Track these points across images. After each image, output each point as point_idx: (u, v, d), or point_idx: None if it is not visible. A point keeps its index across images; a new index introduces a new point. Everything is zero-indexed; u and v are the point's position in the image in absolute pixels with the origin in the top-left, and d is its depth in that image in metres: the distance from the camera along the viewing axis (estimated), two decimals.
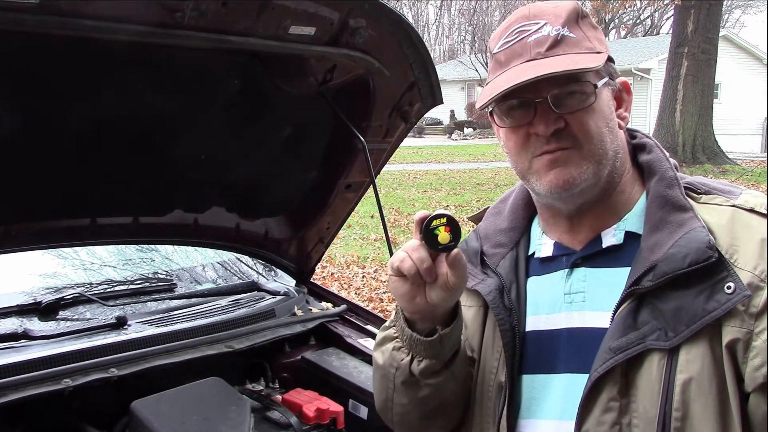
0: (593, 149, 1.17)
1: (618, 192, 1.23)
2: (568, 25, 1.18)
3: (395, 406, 1.32)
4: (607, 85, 1.20)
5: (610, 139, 1.19)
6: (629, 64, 29.60)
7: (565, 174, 1.17)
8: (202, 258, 3.05)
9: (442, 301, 1.19)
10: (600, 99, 1.18)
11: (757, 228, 1.11)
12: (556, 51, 1.16)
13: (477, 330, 1.33)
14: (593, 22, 1.24)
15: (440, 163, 21.23)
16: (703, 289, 1.08)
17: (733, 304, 1.05)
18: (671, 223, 1.14)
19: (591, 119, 1.17)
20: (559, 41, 1.16)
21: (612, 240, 1.21)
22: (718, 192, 1.19)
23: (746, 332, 1.05)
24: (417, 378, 1.25)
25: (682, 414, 1.07)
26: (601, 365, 1.12)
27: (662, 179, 1.20)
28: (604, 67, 1.20)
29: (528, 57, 1.17)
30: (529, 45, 1.17)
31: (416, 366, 1.24)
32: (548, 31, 1.17)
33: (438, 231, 1.15)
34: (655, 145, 1.27)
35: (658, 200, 1.18)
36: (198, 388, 2.16)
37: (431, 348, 1.22)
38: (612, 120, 1.20)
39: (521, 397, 1.24)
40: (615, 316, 1.14)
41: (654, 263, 1.11)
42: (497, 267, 1.31)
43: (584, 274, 1.22)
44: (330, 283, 7.30)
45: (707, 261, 1.08)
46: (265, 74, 2.24)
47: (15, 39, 1.68)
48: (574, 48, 1.17)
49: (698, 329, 1.07)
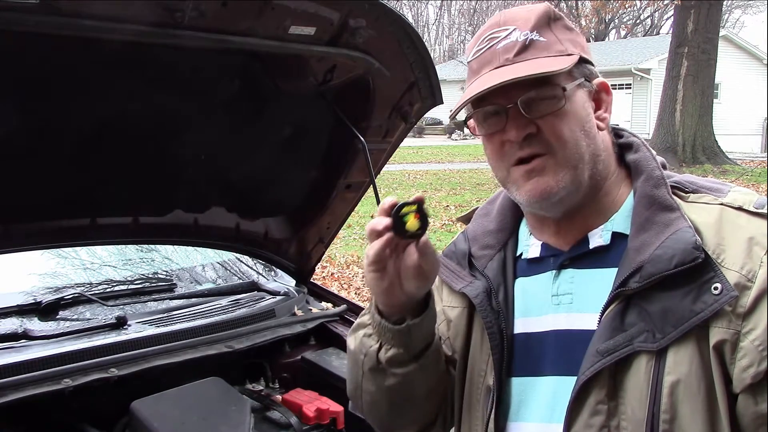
0: (568, 154, 1.15)
1: (603, 194, 1.21)
2: (538, 29, 1.17)
3: (364, 394, 1.33)
4: (581, 86, 1.18)
5: (586, 143, 1.17)
6: (629, 64, 29.62)
7: (542, 183, 1.16)
8: (202, 258, 3.05)
9: (417, 290, 1.19)
10: (573, 102, 1.16)
11: (744, 227, 1.10)
12: (524, 56, 1.15)
13: (461, 331, 1.33)
14: (568, 23, 1.22)
15: (440, 163, 21.24)
16: (690, 290, 1.07)
17: (720, 305, 1.05)
18: (658, 224, 1.13)
19: (563, 123, 1.15)
20: (527, 46, 1.16)
21: (599, 241, 1.20)
22: (706, 190, 1.18)
23: (733, 333, 1.05)
24: (384, 366, 1.26)
25: (671, 416, 1.06)
26: (588, 368, 1.11)
27: (649, 179, 1.19)
28: (578, 69, 1.18)
29: (497, 64, 1.16)
30: (498, 52, 1.17)
31: (384, 354, 1.25)
32: (516, 36, 1.16)
33: (407, 218, 1.13)
34: (641, 144, 1.26)
35: (644, 200, 1.17)
36: (198, 388, 2.16)
37: (399, 337, 1.23)
38: (588, 122, 1.18)
39: (510, 399, 1.24)
40: (602, 318, 1.13)
41: (640, 264, 1.10)
42: (485, 269, 1.30)
43: (572, 276, 1.22)
44: (330, 283, 7.30)
45: (694, 262, 1.07)
46: (265, 74, 2.24)
47: (15, 39, 1.68)
48: (543, 52, 1.16)
49: (686, 331, 1.06)
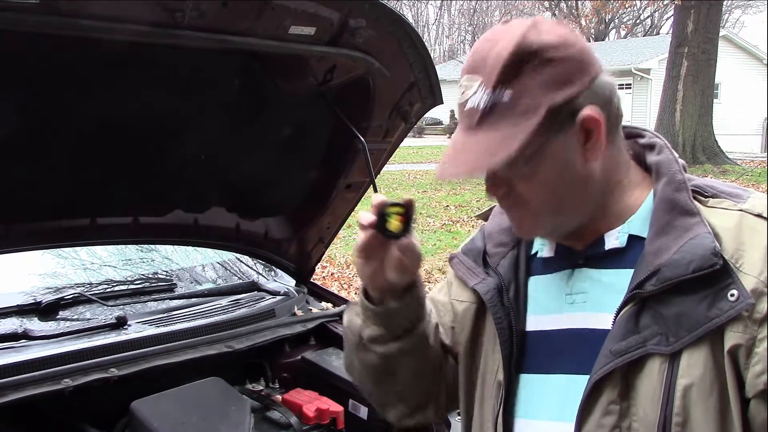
0: (546, 208, 1.15)
1: (615, 201, 1.19)
2: (503, 82, 1.08)
3: (354, 369, 1.43)
4: (558, 132, 1.11)
5: (570, 189, 1.14)
6: (629, 64, 29.61)
7: (523, 225, 1.19)
8: (202, 258, 3.05)
9: (398, 280, 1.25)
10: (545, 158, 1.11)
11: (764, 233, 1.09)
12: (482, 126, 1.10)
13: (467, 326, 1.35)
14: (549, 56, 1.08)
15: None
16: (707, 296, 1.07)
17: (735, 312, 1.04)
18: (677, 228, 1.12)
19: (535, 183, 1.13)
20: (488, 112, 1.10)
21: (615, 243, 1.19)
22: (726, 196, 1.16)
23: (749, 338, 1.04)
24: (365, 343, 1.33)
25: (683, 419, 1.06)
26: (600, 368, 1.11)
27: (671, 182, 1.17)
28: (554, 116, 1.09)
29: (463, 125, 1.14)
30: (465, 112, 1.13)
31: (365, 331, 1.32)
32: (479, 98, 1.10)
33: (391, 219, 1.17)
34: (664, 145, 1.23)
35: (665, 204, 1.15)
36: (198, 388, 2.16)
37: (378, 317, 1.30)
38: (571, 168, 1.12)
39: (520, 396, 1.25)
40: (617, 319, 1.13)
41: (657, 267, 1.10)
42: (497, 266, 1.31)
43: (586, 275, 1.21)
44: (330, 283, 7.30)
45: (711, 268, 1.06)
46: (265, 74, 2.24)
47: (15, 39, 1.68)
48: (503, 118, 1.09)
49: (700, 336, 1.06)
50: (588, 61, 1.11)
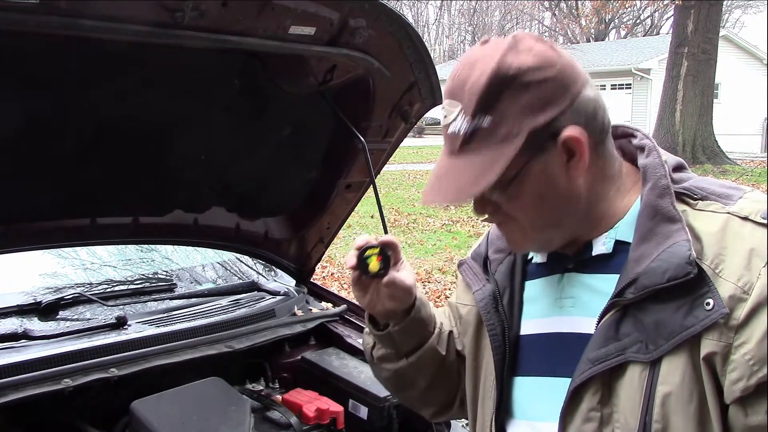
0: (533, 224, 1.16)
1: (604, 210, 1.19)
2: (482, 109, 1.07)
3: (379, 379, 1.55)
4: (541, 153, 1.10)
5: (556, 207, 1.14)
6: (629, 64, 29.64)
7: (514, 241, 1.22)
8: (202, 258, 3.05)
9: (394, 307, 1.34)
10: (528, 178, 1.11)
11: (747, 237, 1.08)
12: (463, 151, 1.10)
13: (469, 328, 1.38)
14: (527, 79, 1.06)
15: None
16: (684, 304, 1.06)
17: (711, 321, 1.04)
18: (658, 235, 1.11)
19: (519, 203, 1.14)
20: (469, 138, 1.10)
21: (602, 249, 1.19)
22: (716, 197, 1.15)
23: (724, 345, 1.04)
24: (376, 362, 1.46)
25: (662, 426, 1.06)
26: (579, 375, 1.12)
27: (654, 187, 1.16)
28: (534, 139, 1.08)
29: (446, 149, 1.14)
30: (447, 136, 1.13)
31: (375, 351, 1.45)
32: (459, 124, 1.10)
33: (370, 260, 1.29)
34: (653, 148, 1.22)
35: (648, 210, 1.15)
36: (198, 388, 2.16)
37: (383, 340, 1.40)
38: (556, 184, 1.12)
39: (514, 397, 1.27)
40: (598, 326, 1.13)
41: (636, 276, 1.10)
42: (495, 272, 1.33)
43: (575, 280, 1.22)
44: (330, 283, 7.31)
45: (686, 277, 1.06)
46: (265, 74, 2.24)
47: (15, 39, 1.68)
48: (484, 144, 1.08)
49: (677, 344, 1.06)
50: (569, 80, 1.09)
